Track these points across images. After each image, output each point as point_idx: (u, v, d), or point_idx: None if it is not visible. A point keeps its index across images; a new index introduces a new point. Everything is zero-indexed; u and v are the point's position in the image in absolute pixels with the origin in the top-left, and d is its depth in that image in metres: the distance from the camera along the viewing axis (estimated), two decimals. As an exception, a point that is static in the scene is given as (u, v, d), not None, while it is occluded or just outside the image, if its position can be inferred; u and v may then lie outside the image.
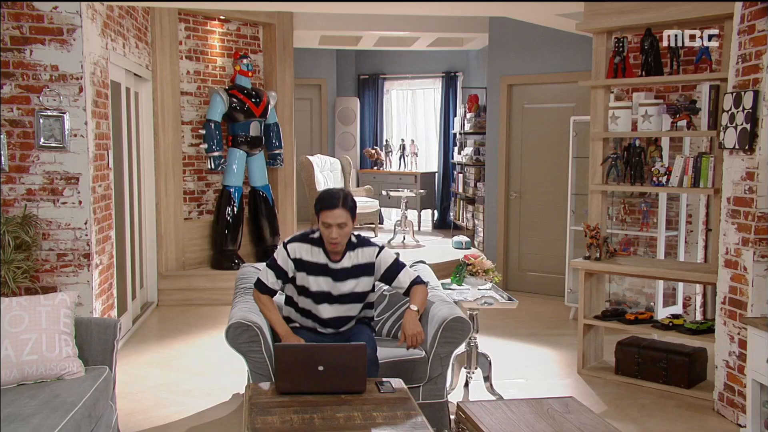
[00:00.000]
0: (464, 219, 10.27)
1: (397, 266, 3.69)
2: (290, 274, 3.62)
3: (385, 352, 3.86)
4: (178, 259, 7.24)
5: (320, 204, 3.50)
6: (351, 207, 3.52)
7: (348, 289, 3.61)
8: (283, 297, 3.82)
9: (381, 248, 3.70)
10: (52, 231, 4.71)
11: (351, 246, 3.63)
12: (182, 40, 7.30)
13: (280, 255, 3.62)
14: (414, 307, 3.62)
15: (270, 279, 3.66)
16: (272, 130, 7.67)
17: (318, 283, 3.59)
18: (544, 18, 6.27)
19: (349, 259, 3.61)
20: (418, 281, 3.74)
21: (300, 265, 3.59)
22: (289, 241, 3.64)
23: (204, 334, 6.05)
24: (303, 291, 3.63)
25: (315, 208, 3.55)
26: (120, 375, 4.12)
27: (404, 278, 3.70)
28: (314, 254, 3.58)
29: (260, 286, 3.70)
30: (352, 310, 3.68)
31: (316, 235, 3.61)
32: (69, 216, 4.72)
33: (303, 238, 3.63)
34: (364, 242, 3.67)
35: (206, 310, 6.89)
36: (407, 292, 3.73)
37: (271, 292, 3.70)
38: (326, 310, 3.62)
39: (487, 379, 4.38)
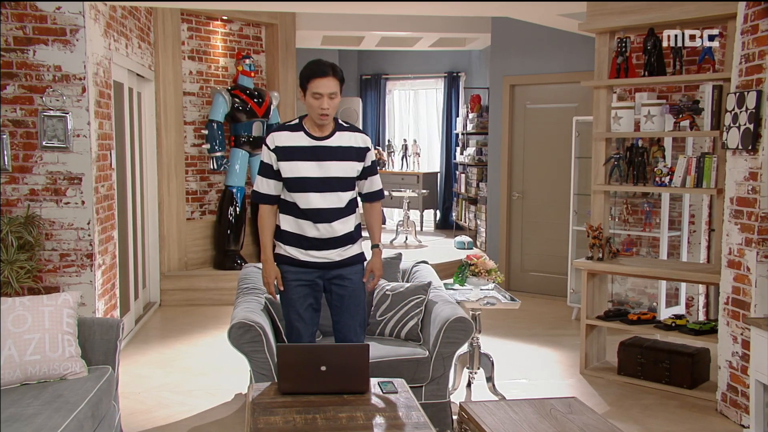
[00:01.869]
0: (466, 219, 10.27)
1: (374, 169, 3.60)
2: (275, 167, 3.42)
3: (387, 351, 3.86)
4: (181, 260, 7.24)
5: (310, 72, 3.34)
6: (341, 77, 3.40)
7: (336, 173, 3.42)
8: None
9: (369, 146, 3.55)
10: (55, 231, 4.72)
11: (340, 127, 3.47)
12: (185, 41, 7.31)
13: (263, 153, 3.47)
14: (381, 247, 3.68)
15: (262, 185, 3.47)
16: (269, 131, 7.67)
17: (304, 168, 3.39)
18: (546, 18, 6.27)
19: (339, 139, 3.43)
20: (380, 194, 3.66)
21: (281, 153, 3.40)
22: (267, 135, 3.48)
23: (206, 335, 6.06)
24: (290, 183, 3.43)
25: (301, 80, 3.37)
26: (122, 375, 4.12)
27: (375, 184, 3.61)
28: (294, 139, 3.41)
29: (257, 197, 3.51)
30: (341, 200, 3.46)
31: (294, 121, 3.48)
32: (72, 216, 4.73)
33: (280, 127, 3.49)
34: (354, 127, 3.55)
35: (208, 310, 6.89)
36: (366, 198, 3.65)
37: (270, 200, 3.50)
38: (316, 200, 3.41)
39: (489, 379, 4.38)
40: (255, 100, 7.33)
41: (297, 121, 3.49)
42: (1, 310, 3.30)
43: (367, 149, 3.52)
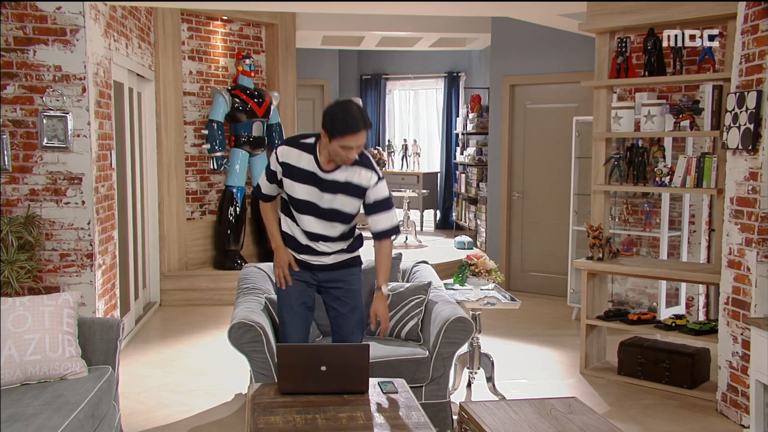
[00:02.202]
0: (466, 219, 10.27)
1: (384, 205, 3.38)
2: (279, 177, 3.40)
3: (387, 351, 3.86)
4: (181, 260, 7.24)
5: (342, 128, 3.13)
6: (370, 124, 3.24)
7: (334, 206, 3.34)
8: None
9: (380, 178, 3.38)
10: (55, 231, 4.72)
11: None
12: (185, 41, 7.31)
13: (272, 159, 3.41)
14: (385, 290, 3.42)
15: (264, 185, 3.46)
16: (275, 131, 7.67)
17: (303, 192, 3.33)
18: (546, 18, 6.27)
19: (344, 173, 3.31)
20: (390, 232, 3.43)
21: (287, 169, 3.34)
22: (280, 144, 3.39)
23: (206, 335, 6.06)
24: (289, 199, 3.41)
25: (329, 130, 3.15)
26: (123, 375, 4.12)
27: (383, 222, 3.40)
28: (303, 161, 3.31)
29: (258, 192, 3.51)
30: (335, 229, 3.41)
31: (310, 140, 3.33)
32: (72, 216, 4.73)
33: (293, 142, 3.36)
34: (366, 162, 3.35)
35: (209, 310, 6.89)
36: (374, 235, 3.44)
37: (269, 198, 3.51)
38: (310, 223, 3.39)
39: (489, 379, 4.38)
40: (255, 100, 7.33)
41: (312, 141, 3.33)
42: (2, 310, 3.30)
43: (366, 188, 3.34)
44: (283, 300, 3.56)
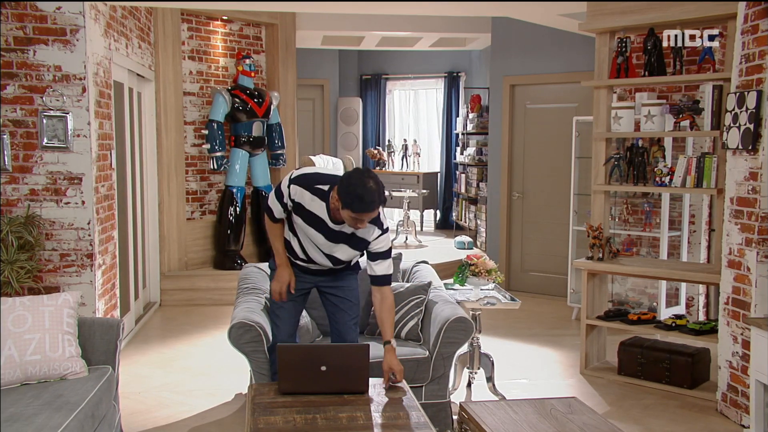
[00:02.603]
0: (466, 219, 10.27)
1: (384, 255, 3.42)
2: (288, 208, 3.40)
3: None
4: (181, 260, 7.24)
5: (359, 206, 3.10)
6: (384, 200, 3.20)
7: (335, 252, 3.42)
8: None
9: (383, 231, 3.40)
10: (55, 231, 4.72)
11: None
12: (185, 41, 7.31)
13: (284, 189, 3.37)
14: (394, 343, 3.35)
15: (274, 206, 3.43)
16: (275, 131, 7.67)
17: (310, 232, 3.37)
18: (546, 18, 6.27)
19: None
20: (389, 279, 3.46)
21: (298, 209, 3.35)
22: (295, 181, 3.33)
23: (206, 335, 6.05)
24: (296, 227, 3.44)
25: (344, 200, 3.13)
26: (123, 375, 4.12)
27: (382, 268, 3.42)
28: (315, 206, 3.31)
29: (270, 214, 3.49)
30: (336, 265, 3.52)
31: (324, 188, 3.30)
32: (72, 216, 4.73)
33: (308, 186, 3.31)
34: (374, 219, 3.35)
35: (209, 310, 6.89)
36: (372, 281, 3.47)
37: (276, 220, 3.51)
38: (312, 253, 3.45)
39: (489, 379, 4.38)
40: (255, 100, 7.33)
41: (327, 189, 3.29)
42: (2, 310, 3.31)
43: (368, 241, 3.38)
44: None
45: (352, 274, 3.68)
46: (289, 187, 3.33)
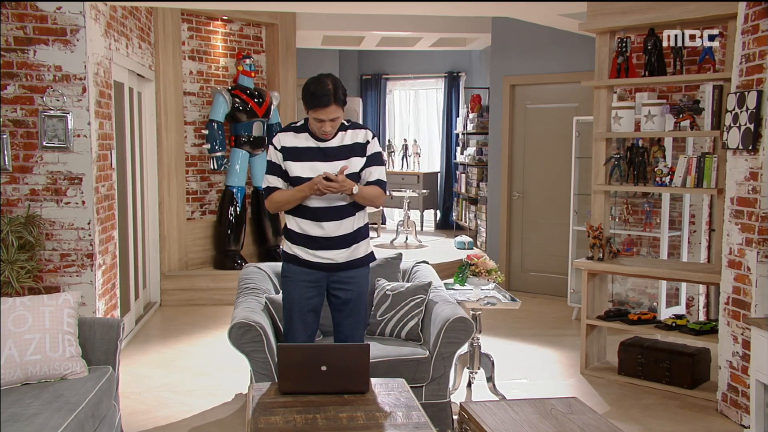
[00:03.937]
0: (467, 219, 10.27)
1: (378, 160, 3.52)
2: (282, 167, 3.45)
3: (387, 351, 3.86)
4: (181, 260, 7.24)
5: (310, 100, 3.30)
6: (343, 101, 3.36)
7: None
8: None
9: (374, 135, 3.55)
10: (56, 231, 4.72)
11: (342, 127, 3.47)
12: (185, 41, 7.31)
13: (270, 152, 3.49)
14: (355, 190, 3.39)
15: (271, 181, 3.48)
16: (275, 131, 7.66)
17: (308, 169, 3.41)
18: (546, 18, 6.27)
19: (340, 139, 3.46)
20: (381, 184, 3.52)
21: (287, 153, 3.44)
22: (274, 135, 3.51)
23: (207, 335, 6.06)
24: (295, 183, 3.44)
25: (304, 101, 3.34)
26: (123, 375, 4.12)
27: (375, 174, 3.50)
28: (300, 140, 3.44)
29: (268, 190, 3.50)
30: (344, 197, 3.45)
31: (299, 122, 3.50)
32: (72, 216, 4.73)
33: (287, 128, 3.52)
34: (356, 125, 3.54)
35: (209, 310, 6.89)
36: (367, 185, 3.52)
37: (277, 189, 3.51)
38: (316, 199, 3.43)
39: (489, 379, 4.38)
40: (255, 100, 7.33)
41: (302, 122, 3.50)
42: (2, 310, 3.31)
43: (365, 143, 3.49)
44: (291, 305, 3.55)
45: (365, 271, 3.61)
46: (272, 143, 3.49)
